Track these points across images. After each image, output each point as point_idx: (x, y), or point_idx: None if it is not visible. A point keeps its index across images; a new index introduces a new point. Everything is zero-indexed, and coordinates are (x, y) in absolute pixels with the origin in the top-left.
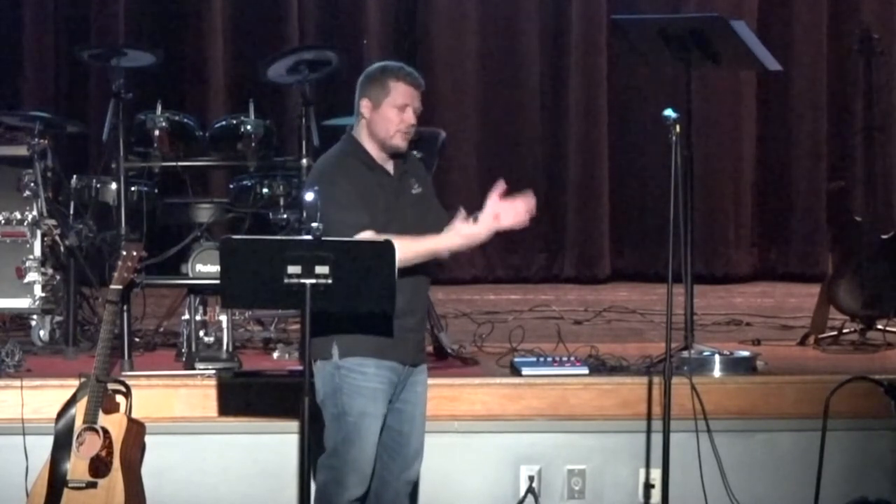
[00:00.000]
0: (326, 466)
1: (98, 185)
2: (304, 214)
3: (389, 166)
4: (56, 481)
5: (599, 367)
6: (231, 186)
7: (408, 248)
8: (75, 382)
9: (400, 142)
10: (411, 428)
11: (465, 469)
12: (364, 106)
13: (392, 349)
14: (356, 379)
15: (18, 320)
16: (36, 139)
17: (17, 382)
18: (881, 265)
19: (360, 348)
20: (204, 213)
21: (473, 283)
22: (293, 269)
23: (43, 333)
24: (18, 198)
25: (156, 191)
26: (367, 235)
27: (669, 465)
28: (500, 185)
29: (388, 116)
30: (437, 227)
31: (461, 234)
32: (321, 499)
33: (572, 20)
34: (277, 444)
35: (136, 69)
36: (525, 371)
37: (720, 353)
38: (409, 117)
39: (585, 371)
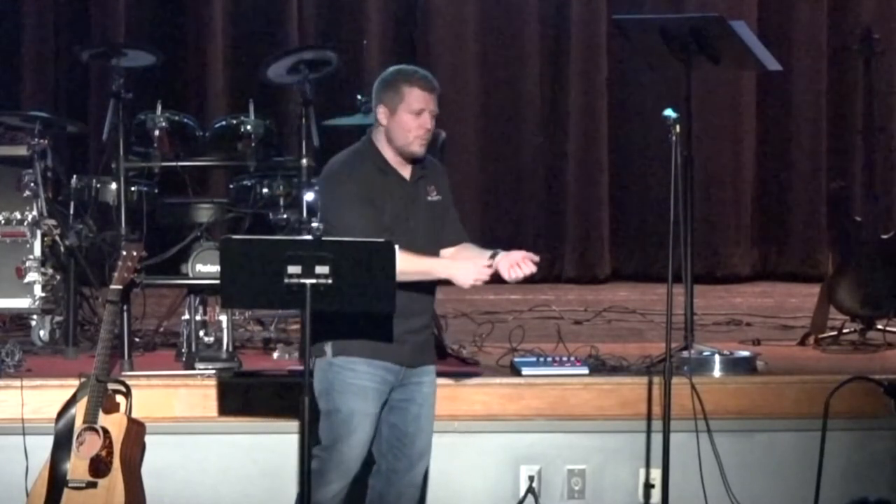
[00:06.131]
0: (316, 457)
1: (98, 185)
2: (304, 213)
3: (406, 171)
4: (56, 481)
5: (599, 367)
6: (231, 186)
7: (402, 263)
8: (75, 382)
9: (417, 148)
10: (417, 428)
11: (465, 469)
12: (381, 113)
13: (387, 350)
14: (347, 376)
15: (18, 320)
16: (36, 139)
17: (17, 382)
18: (881, 265)
19: (352, 348)
20: (204, 213)
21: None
22: (293, 269)
23: (43, 333)
24: (18, 198)
25: (156, 191)
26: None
27: (669, 465)
28: (533, 257)
29: (404, 122)
30: (448, 236)
31: (463, 268)
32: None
33: (572, 20)
34: (277, 444)
35: (136, 69)
36: (525, 371)
37: (720, 353)
38: (426, 121)
39: (585, 371)
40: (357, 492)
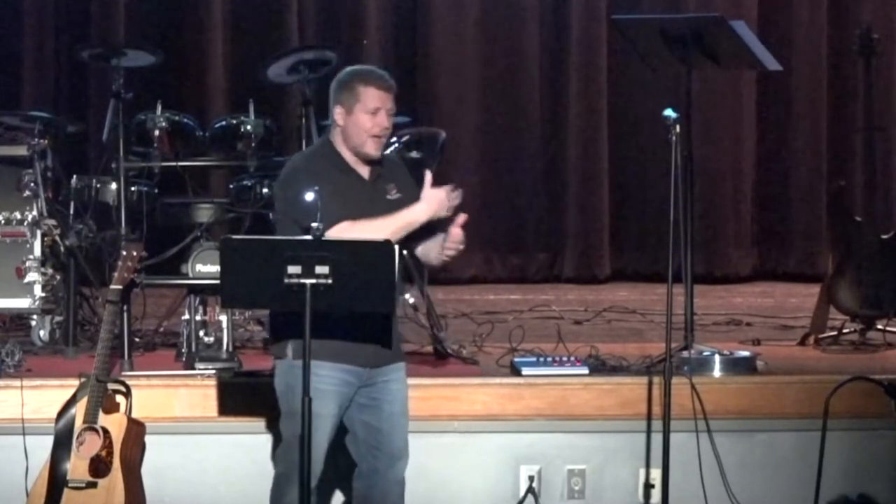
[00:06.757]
0: (280, 459)
1: (98, 185)
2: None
3: (364, 171)
4: (56, 481)
5: (599, 367)
6: (231, 186)
7: (386, 228)
8: (75, 382)
9: (372, 150)
10: (391, 426)
11: (465, 469)
12: (337, 113)
13: (348, 353)
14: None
15: (18, 320)
16: (36, 139)
17: (17, 382)
18: (881, 265)
19: (313, 352)
20: (204, 213)
21: (473, 283)
22: (293, 269)
23: (43, 333)
24: (18, 198)
25: (156, 191)
26: (343, 226)
27: (669, 465)
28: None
29: (361, 122)
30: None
31: (425, 205)
32: (275, 489)
33: (572, 20)
34: None
35: (136, 69)
36: (525, 371)
37: (720, 353)
38: (382, 120)
39: (585, 371)
40: (337, 494)
